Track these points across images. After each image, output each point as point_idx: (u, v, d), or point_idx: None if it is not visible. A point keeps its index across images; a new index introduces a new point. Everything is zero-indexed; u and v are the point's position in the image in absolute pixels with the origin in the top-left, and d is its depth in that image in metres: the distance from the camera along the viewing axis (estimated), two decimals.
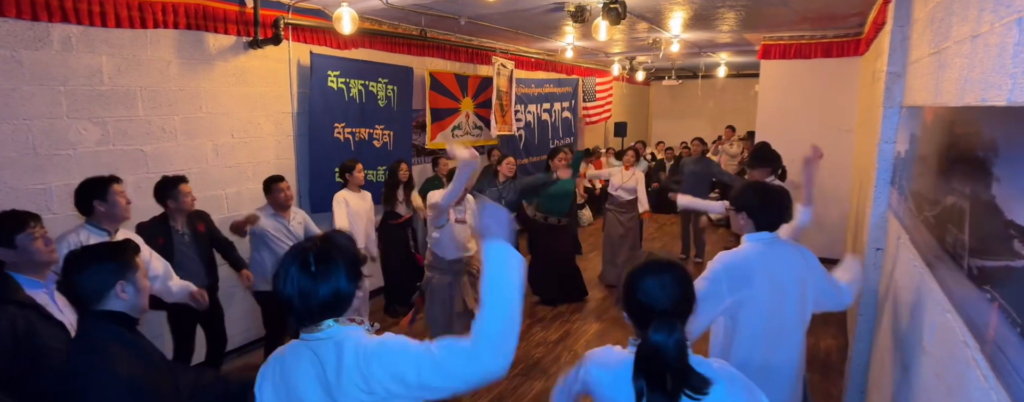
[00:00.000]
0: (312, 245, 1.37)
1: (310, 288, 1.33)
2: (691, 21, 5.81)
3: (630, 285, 1.43)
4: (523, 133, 7.98)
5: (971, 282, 1.43)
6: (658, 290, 1.39)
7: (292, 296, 1.33)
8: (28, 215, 2.14)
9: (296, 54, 4.75)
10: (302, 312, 1.34)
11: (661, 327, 1.33)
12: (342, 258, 1.36)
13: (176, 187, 3.35)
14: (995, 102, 1.35)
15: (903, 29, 2.94)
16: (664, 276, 1.40)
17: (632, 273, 1.44)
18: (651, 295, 1.39)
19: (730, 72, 10.85)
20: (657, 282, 1.40)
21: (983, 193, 1.38)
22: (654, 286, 1.39)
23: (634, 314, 1.44)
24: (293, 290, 1.33)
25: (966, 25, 1.72)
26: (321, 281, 1.33)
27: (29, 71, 3.18)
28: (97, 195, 2.71)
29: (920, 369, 1.90)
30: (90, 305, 1.62)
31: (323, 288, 1.33)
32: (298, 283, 1.33)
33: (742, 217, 2.20)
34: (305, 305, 1.34)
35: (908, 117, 2.68)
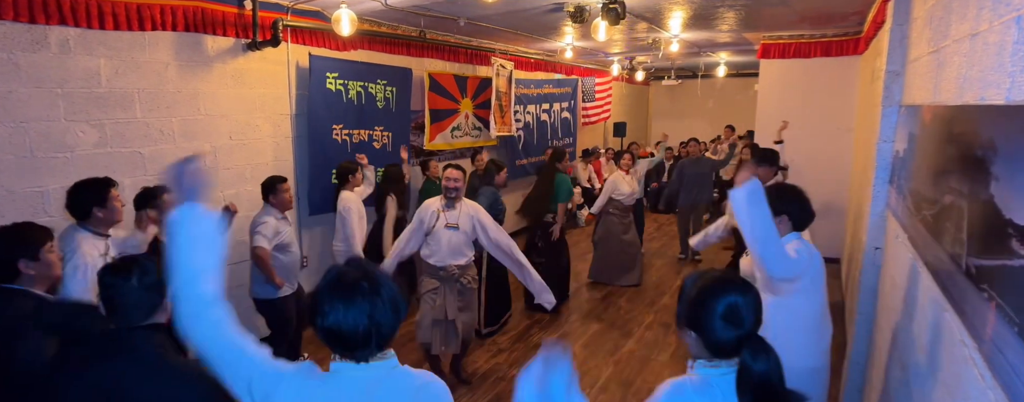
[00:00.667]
0: (358, 275, 1.33)
1: (382, 320, 1.31)
2: (690, 21, 5.81)
3: (708, 303, 1.32)
4: (522, 134, 7.98)
5: (969, 281, 1.43)
6: (745, 310, 1.31)
7: (363, 330, 1.29)
8: (46, 230, 2.11)
9: (295, 56, 4.75)
10: (377, 342, 1.32)
11: (760, 352, 1.27)
12: (392, 288, 1.35)
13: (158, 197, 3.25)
14: (994, 101, 1.35)
15: (902, 28, 2.94)
16: (749, 295, 1.33)
17: (710, 290, 1.34)
18: (738, 315, 1.30)
19: (730, 72, 10.84)
20: (744, 301, 1.31)
21: (981, 192, 1.37)
22: (742, 306, 1.31)
23: (712, 335, 1.32)
24: (368, 324, 1.28)
25: (965, 24, 1.71)
26: (384, 313, 1.31)
27: (26, 73, 3.17)
28: (97, 201, 2.65)
29: (918, 368, 1.89)
30: (135, 321, 1.63)
31: (393, 318, 1.33)
32: (370, 319, 1.29)
33: (782, 221, 2.15)
34: (379, 336, 1.31)
35: (907, 116, 2.67)
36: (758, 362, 1.26)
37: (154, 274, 1.63)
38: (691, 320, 1.36)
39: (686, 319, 1.38)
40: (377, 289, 1.30)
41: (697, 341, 1.36)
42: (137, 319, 1.61)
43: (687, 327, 1.38)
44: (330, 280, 1.32)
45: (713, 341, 1.33)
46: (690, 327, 1.37)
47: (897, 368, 2.23)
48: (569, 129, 9.33)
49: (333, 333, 1.28)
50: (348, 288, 1.29)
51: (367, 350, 1.30)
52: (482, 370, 4.26)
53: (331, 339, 1.30)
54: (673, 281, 6.38)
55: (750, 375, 1.26)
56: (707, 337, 1.33)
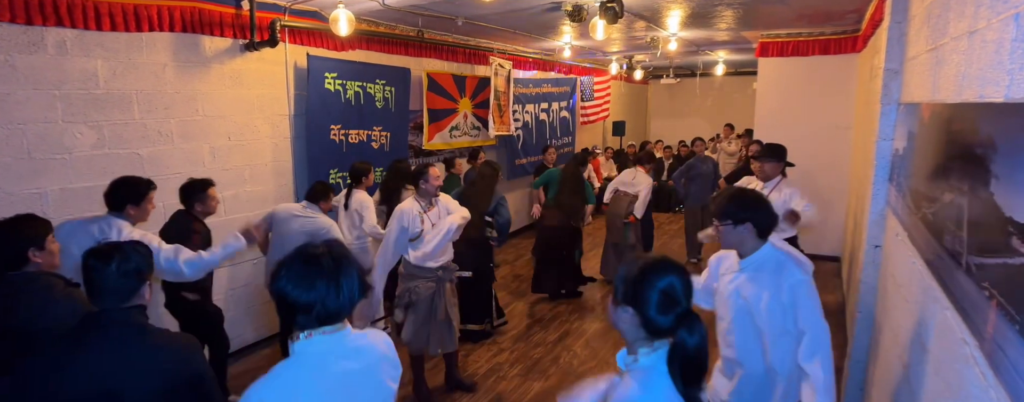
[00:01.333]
0: (324, 251, 1.46)
1: (354, 292, 1.47)
2: (689, 19, 5.80)
3: (649, 280, 1.38)
4: (521, 133, 7.97)
5: (970, 279, 1.43)
6: (682, 290, 1.38)
7: (345, 299, 1.45)
8: (46, 221, 2.27)
9: (293, 56, 4.74)
10: (346, 311, 1.47)
11: (696, 327, 1.34)
12: (354, 263, 1.49)
13: (205, 191, 3.44)
14: (993, 98, 1.34)
15: (900, 26, 2.93)
16: (685, 277, 1.40)
17: (652, 268, 1.40)
18: (676, 294, 1.37)
19: (728, 70, 10.84)
20: (681, 282, 1.39)
21: (981, 190, 1.37)
22: (679, 286, 1.38)
23: (651, 310, 1.37)
24: (348, 294, 1.45)
25: (963, 21, 1.71)
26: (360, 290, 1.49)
27: (23, 75, 3.16)
28: (133, 200, 2.85)
29: (919, 366, 1.89)
30: (114, 303, 1.71)
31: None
32: (354, 289, 1.46)
33: (747, 229, 2.07)
34: (352, 305, 1.48)
35: (906, 114, 2.67)
36: (694, 337, 1.33)
37: (135, 261, 1.72)
38: (631, 296, 1.40)
39: (625, 295, 1.41)
40: (335, 269, 1.42)
41: (633, 318, 1.40)
42: (114, 302, 1.69)
43: (625, 303, 1.41)
44: (297, 250, 1.45)
45: (650, 317, 1.37)
46: (629, 303, 1.40)
47: (898, 366, 2.22)
48: (568, 128, 9.33)
49: (281, 296, 1.40)
50: (308, 261, 1.41)
51: (305, 319, 1.41)
52: (482, 370, 4.26)
53: (280, 302, 1.42)
54: None
55: (684, 349, 1.33)
56: (644, 313, 1.38)
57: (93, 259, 1.69)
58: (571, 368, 4.29)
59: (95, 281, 1.67)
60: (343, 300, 1.43)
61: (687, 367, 1.34)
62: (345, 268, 1.44)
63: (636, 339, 1.42)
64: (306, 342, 1.42)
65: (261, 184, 4.58)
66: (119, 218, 2.84)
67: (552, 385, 4.03)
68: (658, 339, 1.39)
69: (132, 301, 1.71)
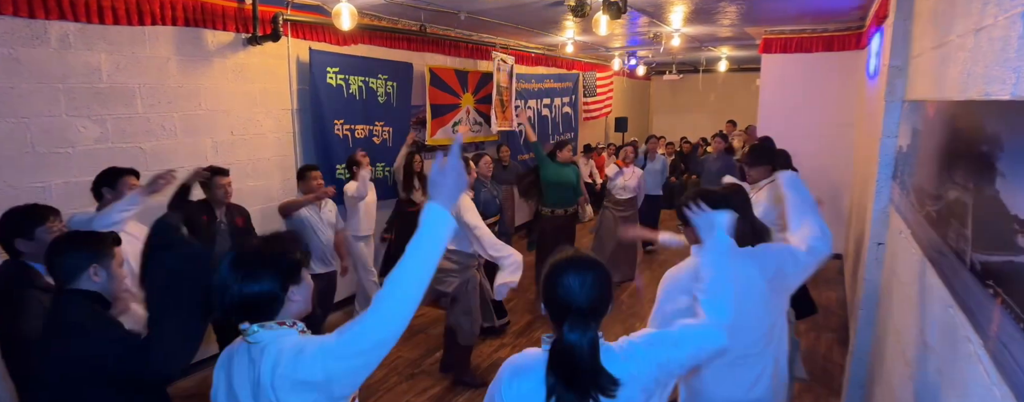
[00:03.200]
0: (249, 244, 1.41)
1: (229, 286, 1.31)
2: (692, 15, 5.78)
3: (551, 279, 1.41)
4: (523, 128, 7.95)
5: (974, 277, 1.42)
6: (578, 287, 1.38)
7: (214, 291, 1.34)
8: (49, 209, 2.33)
9: (295, 50, 4.73)
10: (221, 309, 1.34)
11: (576, 325, 1.34)
12: (276, 261, 1.36)
13: (213, 178, 3.50)
14: (999, 96, 1.34)
15: (905, 23, 2.92)
16: (586, 274, 1.39)
17: (554, 267, 1.42)
18: (570, 291, 1.37)
19: (731, 66, 10.81)
20: (578, 279, 1.38)
21: (986, 188, 1.36)
22: (574, 283, 1.38)
23: (552, 309, 1.42)
24: (216, 285, 1.33)
25: (969, 19, 1.70)
26: (241, 282, 1.31)
27: (27, 69, 3.17)
28: (107, 182, 2.86)
29: (922, 364, 1.89)
30: (65, 283, 1.77)
31: (239, 289, 1.31)
32: (222, 280, 1.32)
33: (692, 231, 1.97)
34: (222, 303, 1.33)
35: (910, 111, 2.66)
36: (573, 333, 1.33)
37: (86, 242, 1.81)
38: (542, 292, 1.45)
39: (541, 293, 1.46)
40: (252, 260, 1.35)
41: (546, 313, 1.45)
42: (65, 282, 1.77)
43: (542, 301, 1.46)
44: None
45: (551, 312, 1.42)
46: (543, 300, 1.45)
47: (901, 364, 2.23)
48: (570, 124, 9.31)
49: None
50: (227, 255, 1.37)
51: (230, 317, 1.35)
52: (484, 364, 4.27)
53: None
54: None
55: (559, 344, 1.35)
56: (550, 310, 1.43)
57: (51, 245, 1.81)
58: None
59: (49, 265, 1.79)
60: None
61: (561, 366, 1.33)
62: (278, 262, 1.40)
63: (553, 328, 1.46)
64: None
65: (264, 178, 4.58)
66: None
67: None
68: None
69: (76, 283, 1.76)
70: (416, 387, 3.96)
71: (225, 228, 3.58)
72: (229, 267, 1.33)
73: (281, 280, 1.35)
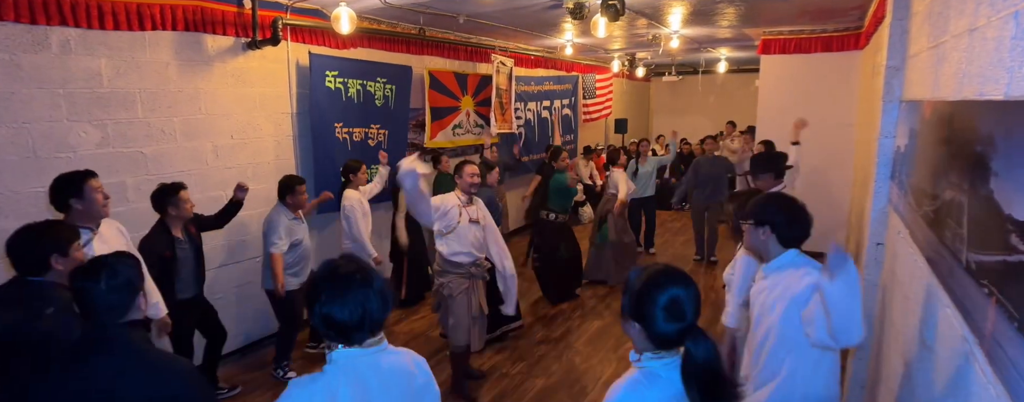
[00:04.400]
0: (353, 267, 1.49)
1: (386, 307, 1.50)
2: (690, 17, 5.79)
3: (652, 295, 1.37)
4: (523, 131, 7.97)
5: (970, 277, 1.43)
6: (686, 303, 1.36)
7: (378, 314, 1.47)
8: (74, 229, 2.28)
9: (295, 54, 4.75)
10: (374, 328, 1.49)
11: (701, 340, 1.33)
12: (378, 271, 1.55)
13: (176, 194, 3.33)
14: (993, 96, 1.35)
15: (902, 23, 2.93)
16: (691, 288, 1.39)
17: (654, 282, 1.39)
18: (680, 308, 1.36)
19: (730, 67, 10.81)
20: (685, 293, 1.37)
21: (981, 188, 1.37)
22: (682, 297, 1.36)
23: (653, 328, 1.38)
24: (381, 308, 1.47)
25: (964, 19, 1.71)
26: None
27: (28, 74, 3.18)
28: (72, 192, 2.59)
29: (921, 364, 1.90)
30: (112, 320, 1.69)
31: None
32: (383, 302, 1.47)
33: (763, 231, 2.03)
34: (380, 321, 1.49)
35: (907, 111, 2.67)
36: (699, 349, 1.32)
37: (124, 274, 1.69)
38: (635, 311, 1.41)
39: (631, 310, 1.42)
40: (369, 281, 1.46)
41: (640, 332, 1.41)
42: (111, 319, 1.66)
43: (632, 318, 1.42)
44: (326, 272, 1.48)
45: (656, 332, 1.38)
46: (635, 318, 1.41)
47: (900, 363, 2.23)
48: (570, 126, 9.32)
49: (329, 319, 1.43)
50: (343, 280, 1.45)
51: (361, 334, 1.46)
52: (485, 367, 4.27)
53: (328, 325, 1.44)
54: None
55: (694, 362, 1.32)
56: (650, 328, 1.38)
57: (79, 280, 1.66)
58: (573, 366, 4.30)
59: (86, 301, 1.65)
60: (384, 309, 1.47)
61: (702, 380, 1.32)
62: (376, 276, 1.49)
63: (644, 348, 1.43)
64: (345, 352, 1.45)
65: (264, 182, 4.59)
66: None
67: (554, 383, 4.05)
68: (665, 350, 1.40)
69: (128, 316, 1.69)
70: None
71: (187, 244, 3.41)
72: (383, 290, 1.50)
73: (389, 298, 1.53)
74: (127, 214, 3.57)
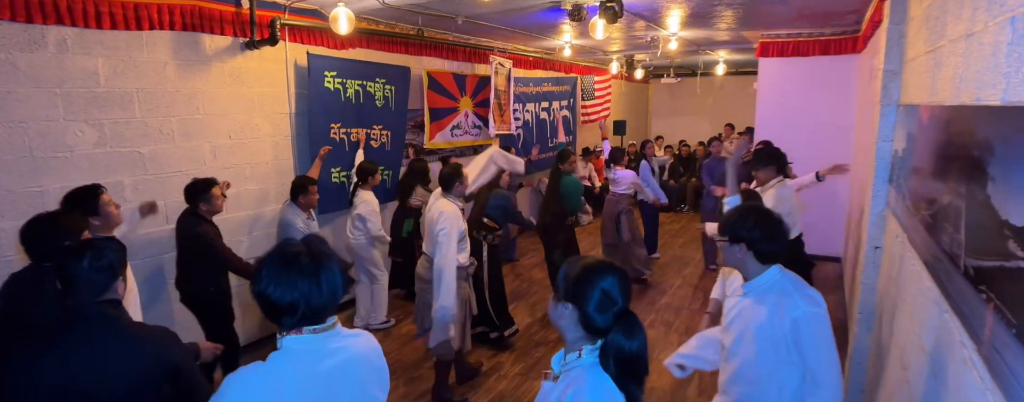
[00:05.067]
0: (303, 249, 1.43)
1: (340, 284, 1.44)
2: (689, 19, 5.80)
3: (591, 279, 1.39)
4: (522, 132, 7.96)
5: (967, 282, 1.43)
6: (619, 290, 1.39)
7: (332, 294, 1.42)
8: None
9: (293, 54, 4.74)
10: (331, 309, 1.45)
11: (634, 329, 1.36)
12: (334, 259, 1.46)
13: (208, 190, 3.46)
14: (989, 101, 1.35)
15: (899, 27, 2.93)
16: (623, 278, 1.41)
17: (593, 268, 1.41)
18: (615, 294, 1.38)
19: (729, 69, 10.84)
20: (621, 283, 1.40)
21: (978, 193, 1.37)
22: (619, 286, 1.39)
23: (589, 307, 1.38)
24: (335, 287, 1.42)
25: (960, 24, 1.71)
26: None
27: (24, 73, 3.17)
28: (89, 211, 2.63)
29: (919, 368, 1.89)
30: (88, 298, 1.74)
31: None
32: (337, 280, 1.43)
33: (739, 249, 1.90)
34: (335, 302, 1.45)
35: (905, 115, 2.67)
36: (630, 340, 1.34)
37: (108, 257, 1.76)
38: (571, 293, 1.41)
39: (566, 292, 1.42)
40: (316, 268, 1.40)
41: (573, 314, 1.41)
42: (88, 297, 1.73)
43: (566, 299, 1.42)
44: (273, 250, 1.43)
45: (589, 314, 1.38)
46: (569, 299, 1.41)
47: (898, 368, 2.23)
48: (569, 127, 9.32)
49: (263, 298, 1.39)
50: (286, 260, 1.39)
51: (291, 319, 1.40)
52: (484, 368, 4.27)
53: (262, 305, 1.40)
54: (674, 280, 6.38)
55: (618, 349, 1.34)
56: (584, 309, 1.39)
57: (64, 256, 1.74)
58: None
59: (67, 277, 1.72)
60: (325, 297, 1.41)
61: (622, 365, 1.34)
62: (325, 264, 1.41)
63: (577, 338, 1.43)
64: (293, 338, 1.41)
65: (262, 182, 4.59)
66: None
67: None
68: (599, 338, 1.40)
69: (105, 295, 1.75)
70: None
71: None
72: (337, 269, 1.46)
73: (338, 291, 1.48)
74: (124, 215, 3.54)
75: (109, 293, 1.76)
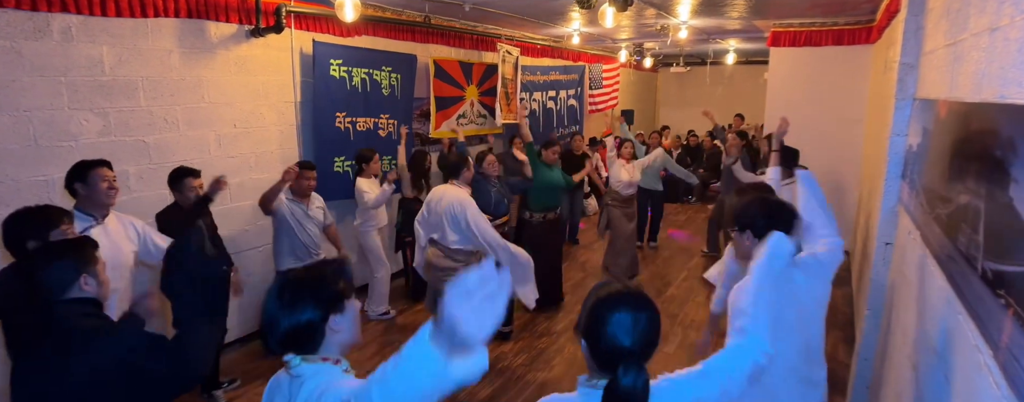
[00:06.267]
0: (293, 274, 1.38)
1: (275, 318, 1.30)
2: (699, 7, 5.71)
3: (599, 316, 1.30)
4: (528, 121, 7.90)
5: (985, 285, 1.39)
6: (632, 327, 1.28)
7: (263, 324, 1.33)
8: (61, 211, 2.27)
9: (298, 42, 4.70)
10: (268, 341, 1.33)
11: (630, 370, 1.23)
12: (317, 291, 1.33)
13: (181, 180, 3.39)
14: (1015, 100, 1.30)
15: (917, 18, 2.86)
16: (640, 313, 1.30)
17: (603, 302, 1.32)
18: (623, 331, 1.28)
19: (739, 59, 10.70)
20: (632, 318, 1.28)
21: (1000, 195, 1.33)
22: (628, 322, 1.28)
23: (597, 349, 1.31)
24: (264, 318, 1.32)
25: (984, 17, 1.66)
26: (286, 313, 1.30)
27: (29, 62, 3.15)
28: (78, 177, 2.64)
29: (929, 369, 1.86)
30: (54, 296, 1.73)
31: (286, 320, 1.30)
32: (268, 311, 1.31)
33: (747, 236, 1.97)
34: (270, 335, 1.31)
35: (921, 110, 2.61)
36: (627, 378, 1.22)
37: (66, 256, 1.75)
38: (584, 329, 1.34)
39: (581, 326, 1.36)
40: (295, 290, 1.32)
41: (586, 350, 1.34)
42: (54, 295, 1.72)
43: (581, 335, 1.36)
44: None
45: (598, 351, 1.31)
46: (583, 335, 1.34)
47: (908, 367, 2.20)
48: (575, 116, 9.25)
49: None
50: (273, 285, 1.36)
51: (275, 349, 1.33)
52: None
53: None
54: (679, 272, 6.36)
55: (616, 389, 1.22)
56: (594, 348, 1.31)
57: (32, 260, 1.76)
58: (576, 359, 4.29)
59: (33, 282, 1.72)
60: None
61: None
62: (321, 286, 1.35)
63: (590, 368, 1.36)
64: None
65: (267, 171, 4.57)
66: (75, 211, 2.61)
67: (556, 376, 4.04)
68: (606, 372, 1.29)
69: (68, 294, 1.73)
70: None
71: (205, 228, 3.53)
72: (275, 298, 1.32)
73: (322, 310, 1.32)
74: (130, 203, 3.56)
75: (75, 291, 1.73)
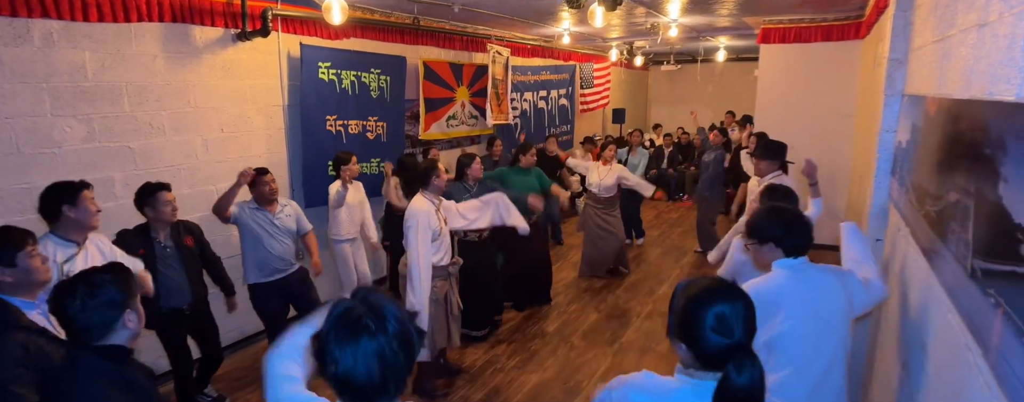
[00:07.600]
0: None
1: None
2: (689, 5, 5.70)
3: (696, 316, 1.27)
4: (519, 121, 7.89)
5: (974, 284, 1.38)
6: (734, 319, 1.24)
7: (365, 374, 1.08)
8: (25, 233, 2.03)
9: (286, 46, 4.66)
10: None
11: (745, 364, 1.20)
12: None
13: (154, 194, 3.11)
14: (1003, 97, 1.29)
15: (905, 14, 2.86)
16: (737, 302, 1.27)
17: (696, 301, 1.29)
18: (726, 325, 1.24)
19: (729, 56, 10.71)
20: (731, 310, 1.25)
21: (989, 193, 1.32)
22: (728, 314, 1.25)
23: (700, 349, 1.27)
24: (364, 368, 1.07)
25: (973, 13, 1.65)
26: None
27: (9, 68, 3.10)
28: (67, 199, 2.49)
29: (919, 367, 1.86)
30: (91, 340, 1.53)
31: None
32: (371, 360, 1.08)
33: (768, 249, 1.97)
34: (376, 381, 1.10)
35: (910, 105, 2.61)
36: (742, 375, 1.19)
37: (107, 292, 1.53)
38: (680, 331, 1.31)
39: (676, 330, 1.33)
40: (383, 325, 1.08)
41: (687, 352, 1.31)
42: (90, 339, 1.53)
43: (677, 338, 1.32)
44: (334, 320, 1.09)
45: (702, 353, 1.28)
46: (680, 339, 1.31)
47: (898, 366, 2.19)
48: (567, 116, 9.24)
49: (344, 382, 1.08)
50: (353, 327, 1.07)
51: (385, 397, 1.09)
52: (479, 362, 4.25)
53: (343, 389, 1.09)
54: (672, 270, 6.35)
55: (731, 388, 1.19)
56: (696, 349, 1.28)
57: (57, 297, 1.52)
58: (569, 360, 4.28)
59: (64, 322, 1.53)
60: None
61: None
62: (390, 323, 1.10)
63: (690, 365, 1.33)
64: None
65: None
66: (50, 238, 2.48)
67: (549, 377, 4.02)
68: (712, 370, 1.27)
69: (108, 338, 1.54)
70: None
71: (171, 251, 3.21)
72: (373, 344, 1.08)
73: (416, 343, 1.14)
74: (115, 210, 3.51)
75: (112, 335, 1.54)
